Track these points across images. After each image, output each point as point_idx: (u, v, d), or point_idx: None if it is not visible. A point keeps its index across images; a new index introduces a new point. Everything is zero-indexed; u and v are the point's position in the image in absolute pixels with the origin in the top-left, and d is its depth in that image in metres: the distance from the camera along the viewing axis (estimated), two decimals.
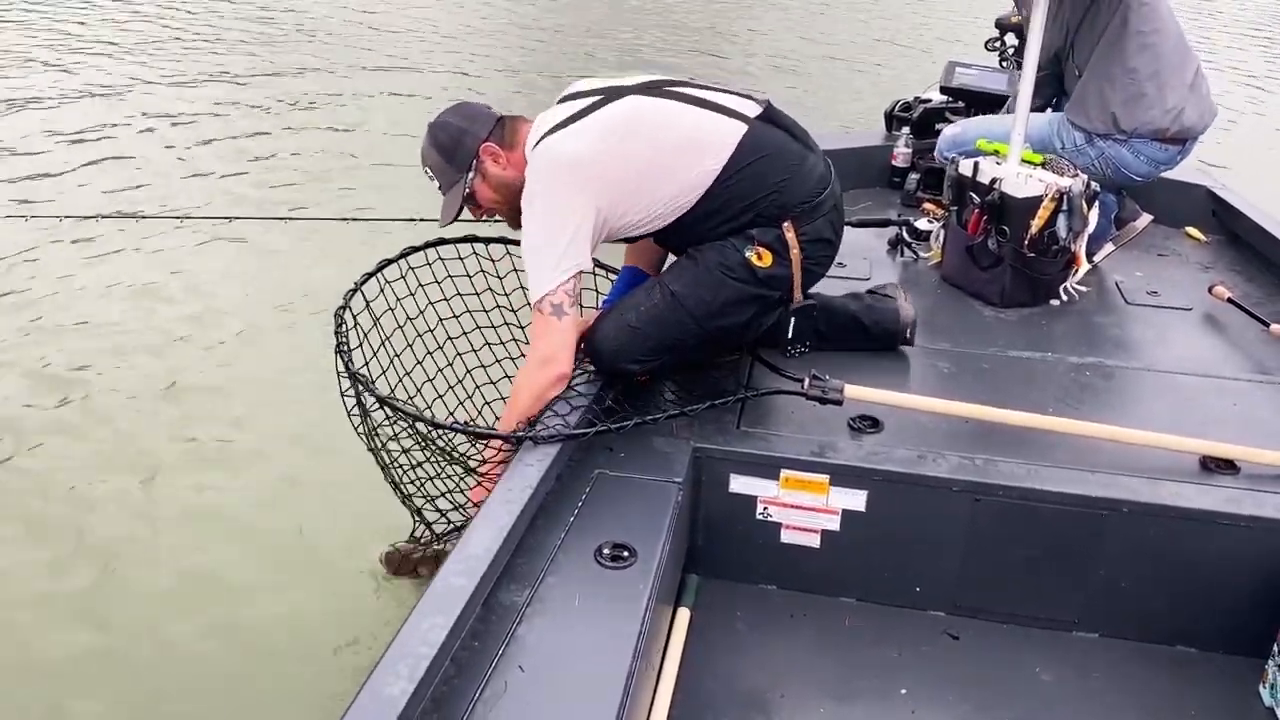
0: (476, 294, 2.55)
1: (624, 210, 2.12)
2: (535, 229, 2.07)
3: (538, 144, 2.12)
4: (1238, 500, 1.93)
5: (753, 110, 2.19)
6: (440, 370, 2.55)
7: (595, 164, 2.07)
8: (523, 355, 2.56)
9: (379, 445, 2.22)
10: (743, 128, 2.14)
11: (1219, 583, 1.93)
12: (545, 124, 2.15)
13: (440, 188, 2.24)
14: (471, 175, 2.19)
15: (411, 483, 2.26)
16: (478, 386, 2.65)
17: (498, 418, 2.27)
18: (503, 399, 2.50)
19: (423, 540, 2.46)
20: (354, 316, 2.29)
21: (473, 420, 2.52)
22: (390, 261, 2.42)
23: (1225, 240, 3.49)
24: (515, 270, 2.49)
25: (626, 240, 2.34)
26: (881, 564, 2.05)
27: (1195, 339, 2.74)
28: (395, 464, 2.23)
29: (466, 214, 2.30)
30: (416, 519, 2.39)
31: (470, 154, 2.18)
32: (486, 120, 2.20)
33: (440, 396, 2.48)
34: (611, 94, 2.16)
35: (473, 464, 2.14)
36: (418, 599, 1.49)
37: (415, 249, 2.47)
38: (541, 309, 2.05)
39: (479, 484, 2.12)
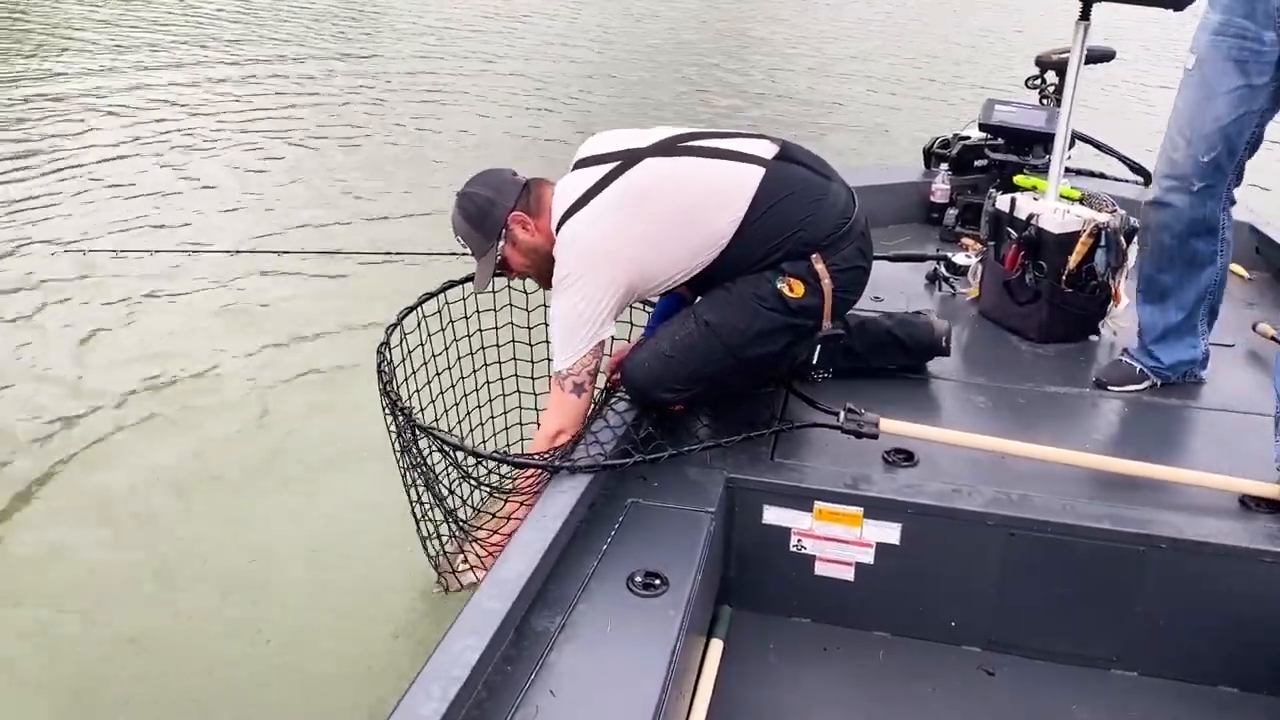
0: (527, 328, 2.62)
1: (651, 275, 2.17)
2: (564, 310, 2.12)
3: (562, 224, 2.17)
4: (1278, 538, 1.90)
5: (769, 151, 2.20)
6: (483, 400, 2.59)
7: (621, 250, 2.12)
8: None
9: (413, 480, 2.28)
10: (760, 171, 2.15)
11: (1261, 622, 1.90)
12: (566, 198, 2.18)
13: (473, 253, 2.30)
14: (502, 244, 2.25)
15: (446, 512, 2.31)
16: (517, 418, 2.68)
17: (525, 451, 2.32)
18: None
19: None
20: (401, 344, 2.36)
21: (508, 449, 2.56)
22: (430, 295, 2.49)
23: (1270, 277, 3.45)
24: (546, 305, 2.55)
25: (654, 299, 2.40)
26: (916, 598, 2.04)
27: (1237, 376, 2.70)
28: (428, 501, 2.29)
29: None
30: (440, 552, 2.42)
31: (499, 223, 2.23)
32: (512, 189, 2.25)
33: (468, 422, 2.52)
34: (628, 159, 2.18)
35: (505, 489, 2.18)
36: (453, 621, 1.52)
37: (455, 283, 2.52)
38: (562, 385, 2.12)
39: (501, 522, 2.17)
